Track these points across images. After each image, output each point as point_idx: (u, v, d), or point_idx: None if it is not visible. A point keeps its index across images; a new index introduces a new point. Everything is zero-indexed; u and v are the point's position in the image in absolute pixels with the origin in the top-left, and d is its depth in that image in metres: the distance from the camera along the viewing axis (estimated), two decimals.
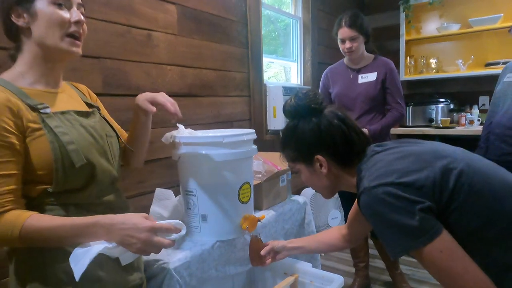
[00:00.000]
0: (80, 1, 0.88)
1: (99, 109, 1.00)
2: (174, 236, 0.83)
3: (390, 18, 3.62)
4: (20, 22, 0.81)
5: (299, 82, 2.93)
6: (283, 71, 3.02)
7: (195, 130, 1.82)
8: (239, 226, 1.30)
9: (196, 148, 1.22)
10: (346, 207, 2.16)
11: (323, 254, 2.72)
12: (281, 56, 2.90)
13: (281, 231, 1.61)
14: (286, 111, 1.03)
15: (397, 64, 3.49)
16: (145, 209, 1.50)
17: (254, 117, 2.31)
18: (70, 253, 0.75)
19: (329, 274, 1.30)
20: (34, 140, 0.78)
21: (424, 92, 3.51)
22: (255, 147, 1.36)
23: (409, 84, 3.63)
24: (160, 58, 1.68)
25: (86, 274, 0.74)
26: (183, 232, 0.86)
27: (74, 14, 0.83)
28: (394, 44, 3.57)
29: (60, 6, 0.82)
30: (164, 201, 1.46)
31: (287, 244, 1.28)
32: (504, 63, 2.97)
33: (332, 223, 2.81)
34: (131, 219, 0.78)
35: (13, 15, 0.81)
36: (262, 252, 1.26)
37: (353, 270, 2.27)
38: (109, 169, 0.91)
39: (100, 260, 0.84)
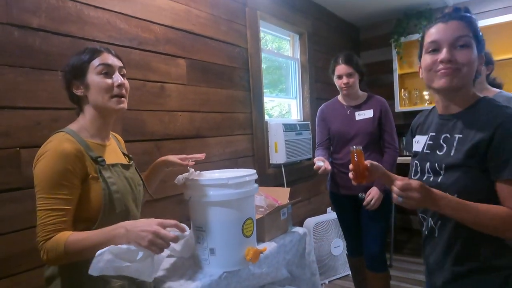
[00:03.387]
0: (121, 64, 1.11)
1: (132, 160, 1.22)
2: (178, 233, 0.96)
3: (384, 54, 3.87)
4: (78, 92, 1.06)
5: (299, 118, 3.14)
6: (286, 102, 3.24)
7: (203, 168, 2.01)
8: (243, 258, 1.45)
9: (205, 189, 1.40)
10: (349, 238, 2.28)
11: (327, 282, 2.80)
12: (282, 92, 3.14)
13: (282, 262, 1.74)
14: None
15: (392, 96, 3.72)
16: None
17: (257, 153, 2.50)
18: (108, 281, 0.95)
19: None
20: (92, 185, 0.99)
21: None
22: (256, 185, 1.53)
23: (405, 115, 3.82)
24: (171, 106, 1.89)
25: None
26: (187, 233, 0.99)
27: (115, 79, 1.06)
28: (388, 78, 3.80)
29: (105, 74, 1.05)
30: None
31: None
32: None
33: (335, 251, 2.92)
34: (143, 220, 0.95)
35: (73, 88, 1.06)
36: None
37: None
38: (136, 213, 1.12)
39: (123, 284, 1.03)
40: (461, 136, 0.97)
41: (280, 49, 3.18)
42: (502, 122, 0.89)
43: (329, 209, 3.30)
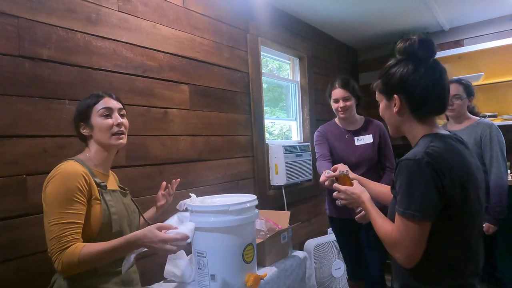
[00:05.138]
0: (120, 106, 1.24)
1: (128, 191, 1.33)
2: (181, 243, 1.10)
3: None
4: (85, 132, 1.22)
5: (299, 139, 3.18)
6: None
7: (205, 190, 2.04)
8: (244, 284, 1.46)
9: (206, 216, 1.42)
10: (349, 262, 2.28)
11: None
12: (283, 110, 3.19)
13: (283, 287, 1.75)
14: (398, 48, 1.07)
15: None
16: (161, 267, 1.67)
17: (258, 175, 2.52)
18: None
19: None
20: (93, 206, 1.12)
21: None
22: (257, 211, 1.55)
23: (403, 136, 3.85)
24: (174, 130, 1.94)
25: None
26: (190, 240, 1.12)
27: (114, 119, 1.21)
28: None
29: (106, 116, 1.20)
30: (177, 260, 1.63)
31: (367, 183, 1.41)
32: (490, 116, 3.21)
33: (336, 273, 2.90)
34: (147, 234, 1.05)
35: (81, 129, 1.22)
36: None
37: None
38: None
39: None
40: None
41: (280, 68, 3.26)
42: (400, 160, 0.99)
43: (329, 230, 3.30)
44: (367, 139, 2.11)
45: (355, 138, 2.13)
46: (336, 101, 2.11)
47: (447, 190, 0.91)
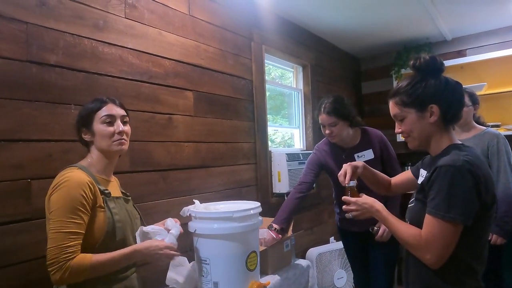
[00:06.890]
0: (124, 113, 1.24)
1: (130, 197, 1.33)
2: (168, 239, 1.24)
3: (384, 84, 3.95)
4: (86, 137, 1.21)
5: (301, 147, 3.18)
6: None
7: (208, 197, 2.03)
8: None
9: (210, 222, 1.42)
10: (356, 271, 2.25)
11: None
12: (284, 118, 3.20)
13: None
14: (419, 65, 1.11)
15: (393, 126, 3.74)
16: (162, 274, 1.65)
17: (261, 182, 2.52)
18: None
19: None
20: (98, 213, 1.12)
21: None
22: (261, 218, 1.55)
23: (406, 144, 3.84)
24: (178, 137, 1.94)
25: None
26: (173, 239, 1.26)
27: (116, 127, 1.20)
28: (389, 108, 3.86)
29: (108, 123, 1.19)
30: (179, 268, 1.62)
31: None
32: (493, 126, 3.21)
33: (338, 283, 2.87)
34: (152, 243, 1.18)
35: (82, 134, 1.21)
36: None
37: None
38: (132, 243, 1.22)
39: None
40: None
41: (282, 76, 3.27)
42: (438, 166, 1.01)
43: (331, 239, 3.28)
44: (368, 154, 1.98)
45: (355, 156, 1.99)
46: (323, 126, 1.99)
47: (483, 196, 0.98)
